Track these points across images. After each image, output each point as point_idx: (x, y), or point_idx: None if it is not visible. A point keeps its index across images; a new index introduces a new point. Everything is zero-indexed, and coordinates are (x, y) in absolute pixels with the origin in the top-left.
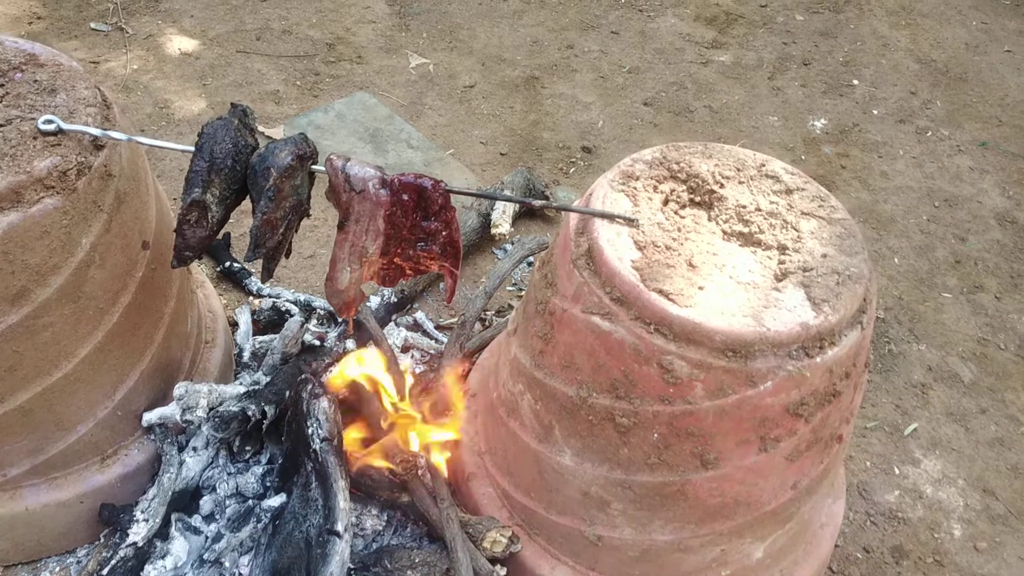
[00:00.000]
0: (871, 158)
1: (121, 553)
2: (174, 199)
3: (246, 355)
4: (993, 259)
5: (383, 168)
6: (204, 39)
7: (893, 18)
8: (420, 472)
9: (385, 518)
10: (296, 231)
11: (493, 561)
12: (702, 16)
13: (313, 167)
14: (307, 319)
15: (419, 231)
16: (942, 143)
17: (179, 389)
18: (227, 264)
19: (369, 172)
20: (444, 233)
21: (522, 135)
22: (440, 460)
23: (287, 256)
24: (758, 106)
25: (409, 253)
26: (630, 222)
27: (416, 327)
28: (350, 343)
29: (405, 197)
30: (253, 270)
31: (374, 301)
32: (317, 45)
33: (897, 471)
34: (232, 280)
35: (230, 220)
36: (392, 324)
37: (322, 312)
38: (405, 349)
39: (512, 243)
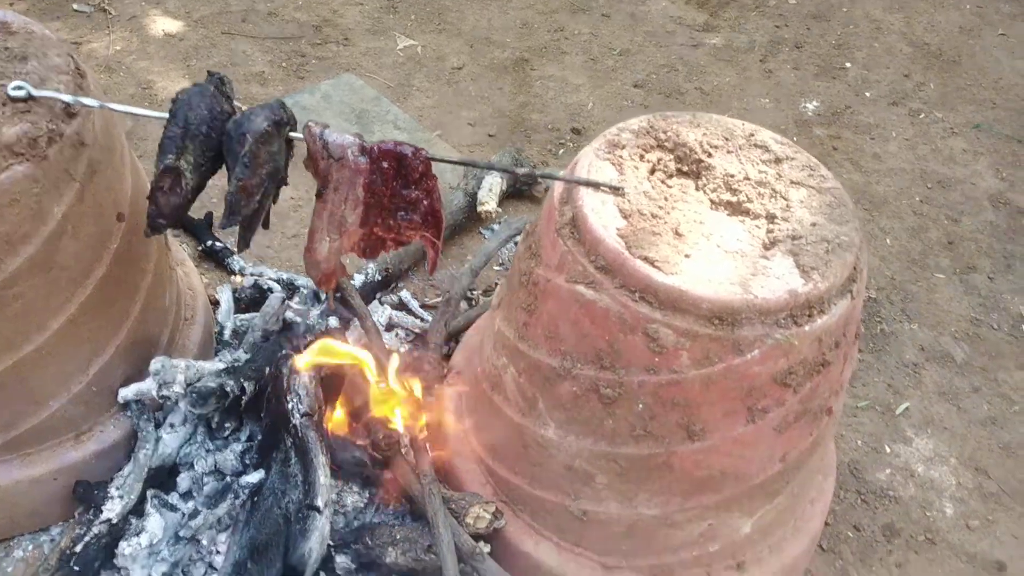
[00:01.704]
0: (863, 140)
1: (95, 530)
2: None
3: (227, 333)
4: (986, 240)
5: (362, 135)
6: (188, 20)
7: (886, 1)
8: (403, 449)
9: (367, 495)
10: (275, 201)
11: (477, 537)
12: None
13: (291, 134)
14: (290, 297)
15: (399, 200)
16: (935, 125)
17: (155, 364)
18: (209, 243)
19: (348, 139)
20: (425, 202)
21: (511, 117)
22: (423, 437)
23: (265, 226)
24: (749, 88)
25: (389, 223)
26: (615, 190)
27: (401, 306)
28: (333, 321)
29: (385, 165)
30: (235, 248)
31: (357, 279)
32: (303, 27)
33: (888, 450)
34: (214, 259)
35: (212, 200)
36: (376, 302)
37: (305, 291)
38: (389, 327)
39: (500, 223)
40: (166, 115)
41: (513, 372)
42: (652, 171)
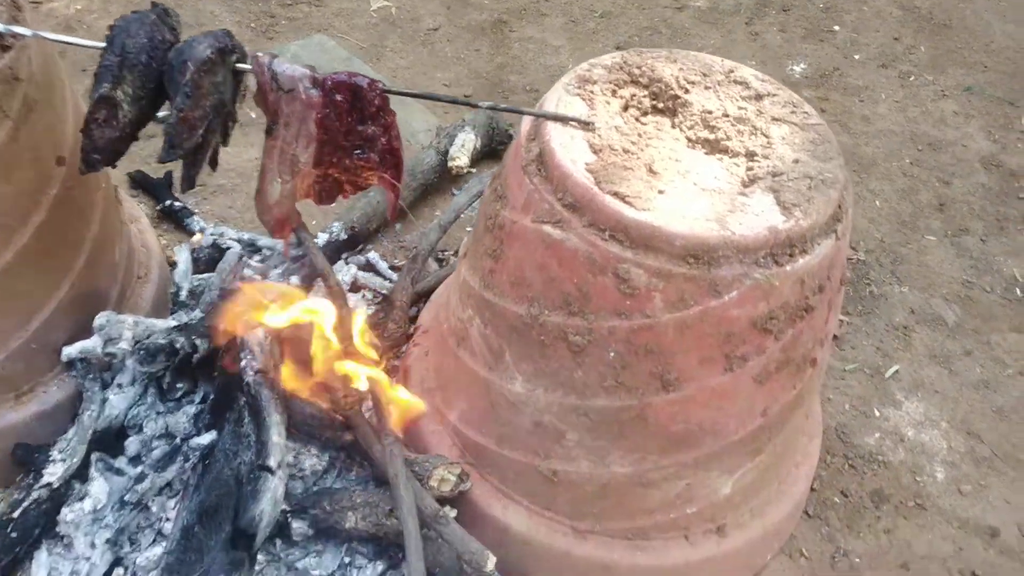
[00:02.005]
0: (852, 102)
1: (35, 495)
2: None
3: (183, 294)
4: (979, 202)
5: (315, 67)
6: None
7: None
8: (365, 410)
9: (327, 459)
10: (225, 142)
11: (442, 501)
12: None
13: (238, 65)
14: (250, 256)
15: (355, 137)
16: (926, 88)
17: (100, 319)
18: (168, 203)
19: (299, 71)
20: (383, 139)
21: (488, 78)
22: (386, 397)
23: (212, 167)
24: (735, 51)
25: (346, 163)
26: (585, 125)
27: (369, 267)
28: (295, 280)
29: (339, 98)
30: (197, 211)
31: (321, 238)
32: None
33: (878, 413)
34: (173, 220)
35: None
36: (342, 262)
37: (268, 252)
38: (355, 288)
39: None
40: (103, 45)
41: (479, 324)
42: (625, 107)
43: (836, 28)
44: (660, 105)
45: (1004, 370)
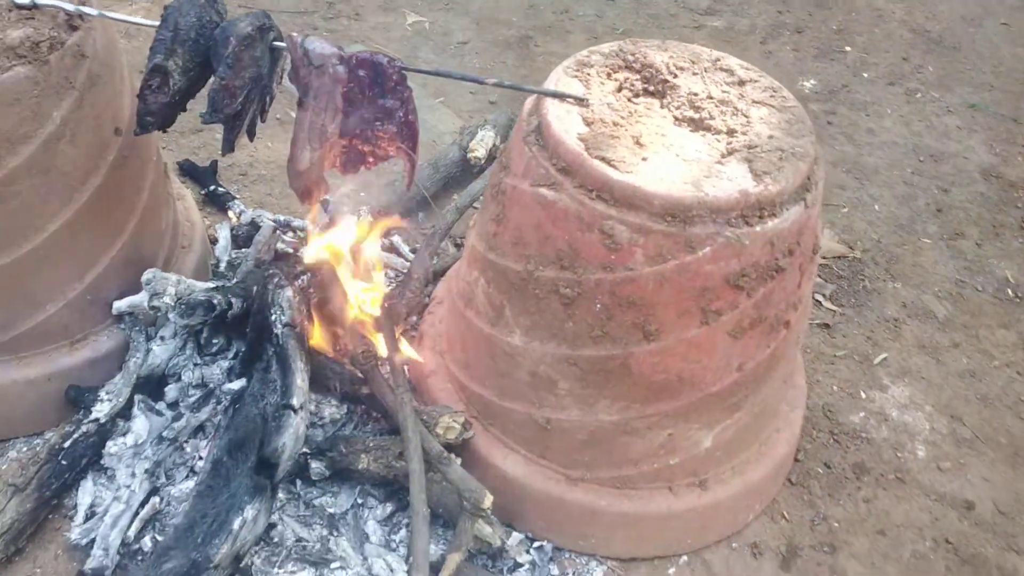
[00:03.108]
0: (858, 116)
1: (83, 428)
2: None
3: (222, 266)
4: (976, 209)
5: (343, 47)
6: None
7: None
8: (381, 366)
9: (345, 410)
10: (263, 117)
11: (448, 448)
12: None
13: (275, 42)
14: (284, 233)
15: (376, 109)
16: (931, 104)
17: (147, 275)
18: (212, 188)
19: (328, 48)
20: (400, 112)
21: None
22: (400, 355)
23: (250, 137)
24: None
25: (367, 134)
26: (580, 101)
27: (392, 249)
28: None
29: (362, 73)
30: (238, 196)
31: (350, 220)
32: (318, 3)
33: (864, 395)
34: (217, 204)
35: (218, 151)
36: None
37: (301, 233)
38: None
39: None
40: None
41: (483, 284)
42: (619, 89)
43: (847, 48)
44: (651, 88)
45: (991, 361)
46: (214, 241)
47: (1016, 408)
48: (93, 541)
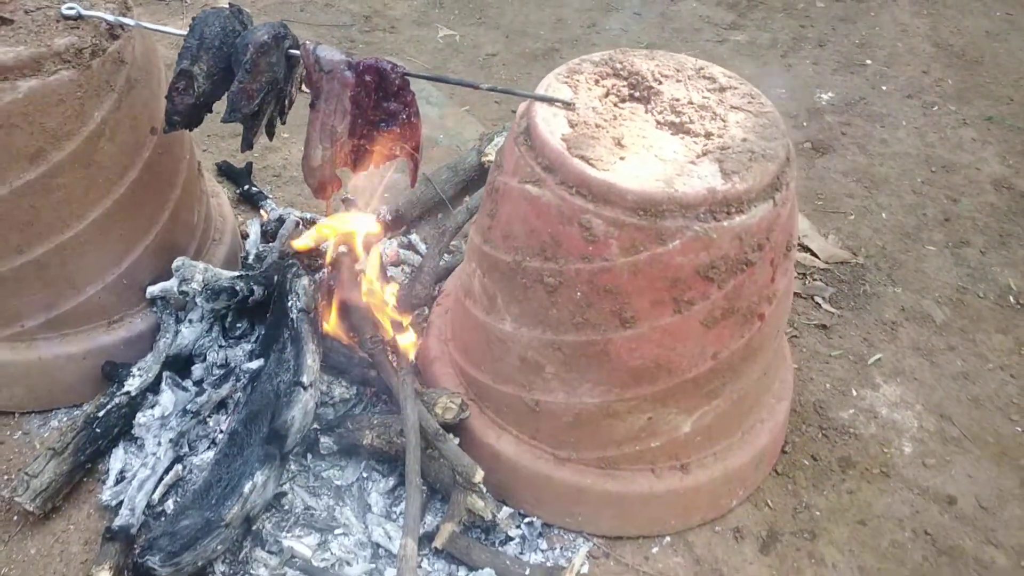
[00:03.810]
0: (873, 127)
1: (116, 400)
2: None
3: (251, 258)
4: (984, 219)
5: (351, 54)
6: (253, 8)
7: (915, 7)
8: (387, 352)
9: (354, 391)
10: (281, 117)
11: (447, 428)
12: (724, 0)
13: (290, 50)
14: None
15: (381, 112)
16: (947, 116)
17: (177, 261)
18: (246, 187)
19: (337, 56)
20: (403, 114)
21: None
22: (405, 342)
23: (269, 136)
24: (767, 79)
25: (374, 134)
26: (567, 105)
27: (409, 246)
28: (343, 248)
29: (368, 78)
30: (270, 196)
31: (367, 219)
32: (355, 17)
33: (855, 393)
34: (250, 202)
35: (255, 154)
36: (386, 239)
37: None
38: (396, 263)
39: None
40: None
41: (479, 274)
42: (606, 94)
43: (868, 62)
44: (636, 94)
45: (985, 364)
46: (245, 236)
47: (1007, 410)
48: (121, 502)
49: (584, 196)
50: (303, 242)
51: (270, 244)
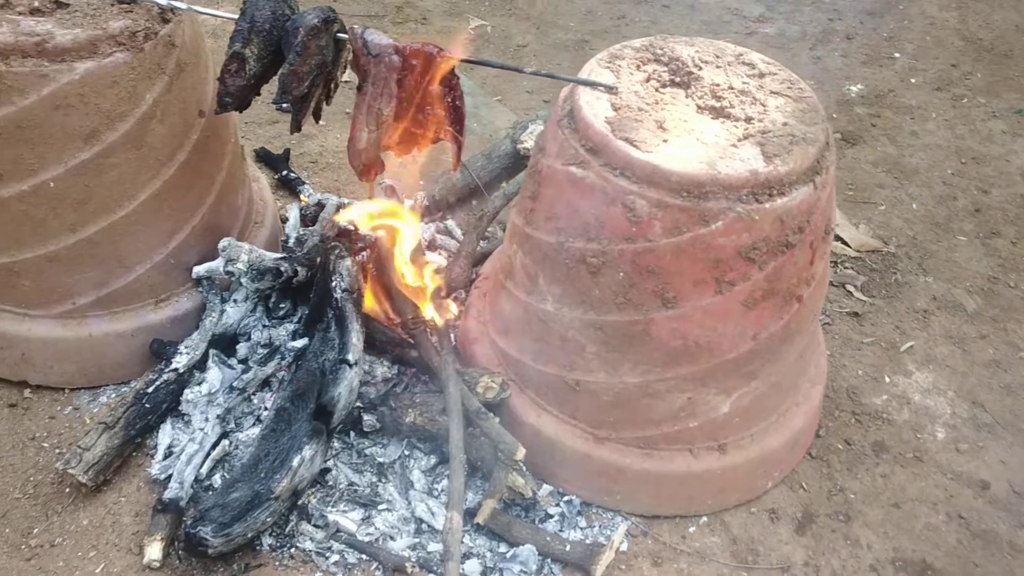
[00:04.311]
0: (903, 119)
1: (165, 376)
2: None
3: (291, 242)
4: (1014, 210)
5: (398, 39)
6: None
7: (944, 0)
8: (428, 332)
9: (396, 371)
10: (327, 100)
11: (487, 407)
12: None
13: (339, 33)
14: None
15: (426, 96)
16: (977, 109)
17: (223, 242)
18: (285, 173)
19: (385, 40)
20: (448, 98)
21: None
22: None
23: (316, 119)
24: (796, 71)
25: (419, 118)
26: (609, 89)
27: (446, 232)
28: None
29: (414, 63)
30: (308, 181)
31: (407, 203)
32: (387, 7)
33: (888, 379)
34: (288, 187)
35: (292, 141)
36: (422, 224)
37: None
38: (433, 247)
39: None
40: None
41: (521, 256)
42: (647, 79)
43: (897, 55)
44: (676, 79)
45: (1016, 353)
46: (284, 220)
47: None
48: (170, 476)
49: (628, 177)
50: (349, 216)
51: (309, 228)
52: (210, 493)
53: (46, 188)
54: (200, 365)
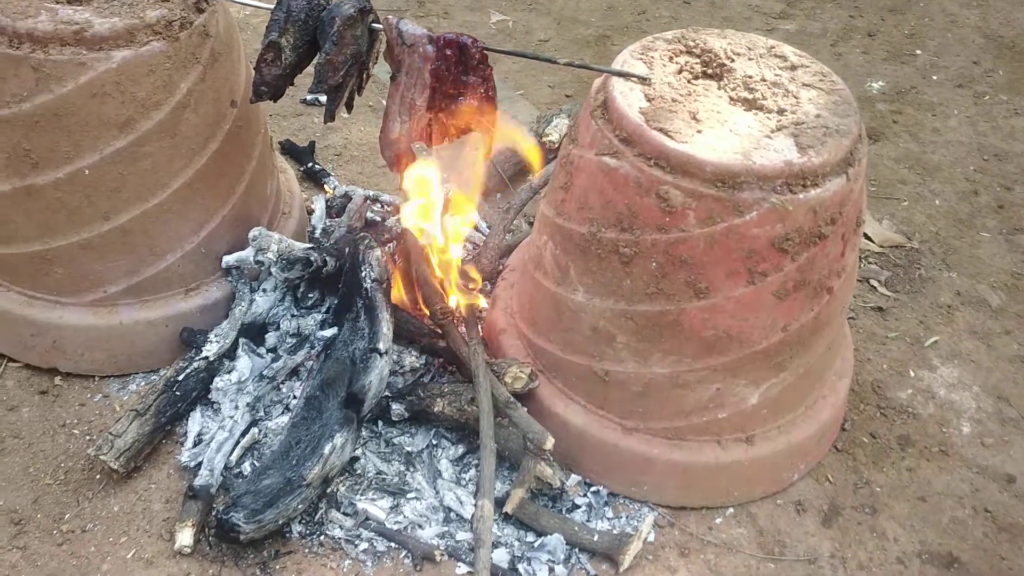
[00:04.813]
0: (924, 116)
1: (195, 365)
2: None
3: (318, 233)
4: None
5: (432, 30)
6: None
7: None
8: (457, 323)
9: (424, 361)
10: (359, 90)
11: (515, 397)
12: None
13: (373, 24)
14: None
15: (460, 86)
16: (999, 106)
17: (254, 231)
18: (310, 165)
19: (419, 30)
20: (482, 88)
21: (588, 82)
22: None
23: (348, 109)
24: None
25: (451, 108)
26: (643, 80)
27: (472, 225)
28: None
29: (448, 52)
30: (333, 173)
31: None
32: (409, 1)
33: (913, 374)
34: (313, 179)
35: (316, 134)
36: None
37: (389, 206)
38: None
39: None
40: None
41: (551, 246)
42: (679, 71)
43: (918, 52)
44: (709, 71)
45: None
46: (310, 211)
47: None
48: (200, 464)
49: (662, 167)
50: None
51: (335, 219)
52: (241, 480)
53: (81, 176)
54: (230, 354)
